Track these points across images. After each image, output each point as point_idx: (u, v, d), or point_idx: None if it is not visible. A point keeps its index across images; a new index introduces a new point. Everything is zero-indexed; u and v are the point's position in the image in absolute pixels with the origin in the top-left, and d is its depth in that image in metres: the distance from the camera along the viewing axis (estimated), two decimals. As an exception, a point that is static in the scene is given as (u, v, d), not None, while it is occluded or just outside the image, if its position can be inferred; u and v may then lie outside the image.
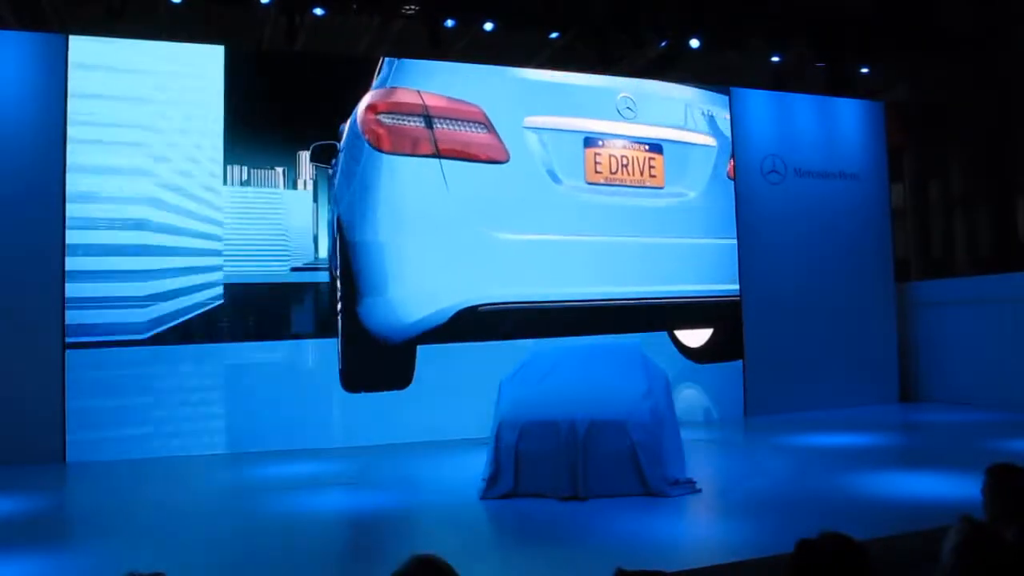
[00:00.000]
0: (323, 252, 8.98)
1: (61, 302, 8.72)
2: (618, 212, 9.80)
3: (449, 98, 8.29)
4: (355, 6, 9.72)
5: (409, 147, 8.28)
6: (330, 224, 8.75)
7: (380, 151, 7.89)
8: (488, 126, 8.36)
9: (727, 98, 11.27)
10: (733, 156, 11.40)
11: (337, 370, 9.23)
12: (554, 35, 10.69)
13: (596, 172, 9.06)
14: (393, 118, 8.12)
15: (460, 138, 8.22)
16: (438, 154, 8.20)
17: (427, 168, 8.54)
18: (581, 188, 9.21)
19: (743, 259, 11.30)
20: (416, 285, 8.51)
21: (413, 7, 10.07)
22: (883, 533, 4.74)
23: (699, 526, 5.59)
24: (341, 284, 8.34)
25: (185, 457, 8.78)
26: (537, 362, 6.93)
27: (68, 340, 8.66)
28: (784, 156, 11.81)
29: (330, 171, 9.01)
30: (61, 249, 8.75)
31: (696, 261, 10.63)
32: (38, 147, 8.78)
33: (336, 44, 10.58)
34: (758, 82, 11.96)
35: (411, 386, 9.27)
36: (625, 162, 9.23)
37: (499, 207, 8.79)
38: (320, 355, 9.29)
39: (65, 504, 7.21)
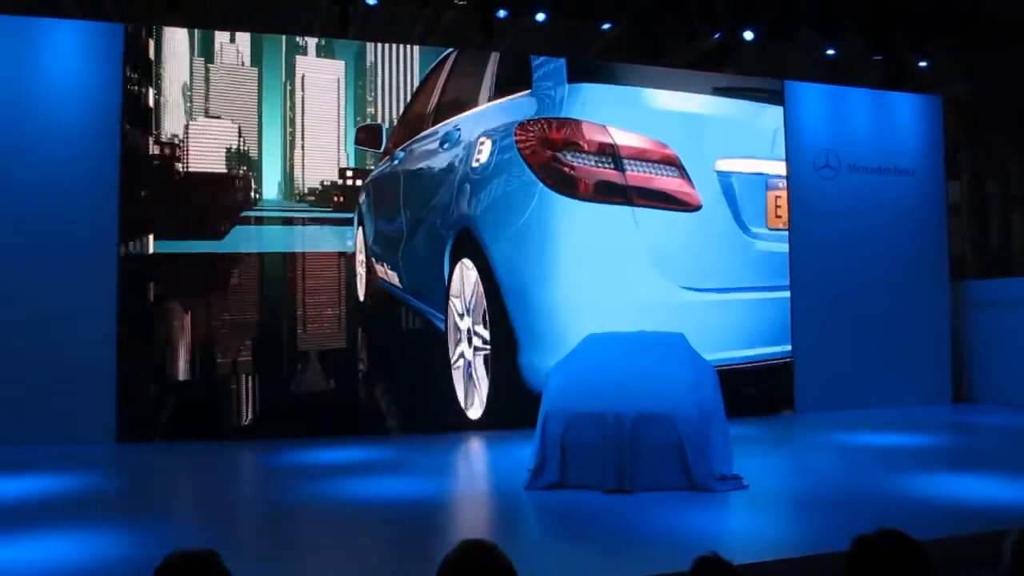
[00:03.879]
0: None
1: (116, 281, 8.90)
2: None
3: (640, 136, 7.00)
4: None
5: (597, 192, 7.21)
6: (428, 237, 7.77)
7: (562, 194, 6.54)
8: (681, 170, 7.13)
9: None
10: (786, 150, 11.25)
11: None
12: (606, 26, 10.62)
13: (776, 217, 8.13)
14: (578, 157, 7.02)
15: (653, 183, 7.07)
16: (630, 201, 7.09)
17: (617, 216, 7.50)
18: (765, 235, 8.21)
19: (794, 254, 11.13)
20: None
21: (466, -3, 10.08)
22: (936, 535, 4.64)
23: (746, 522, 5.53)
24: (492, 331, 7.13)
25: (235, 440, 8.91)
26: (584, 352, 6.89)
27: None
28: (838, 151, 11.62)
29: (390, 159, 8.82)
30: (117, 232, 8.93)
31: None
32: (96, 135, 8.96)
33: (388, 33, 10.62)
34: (812, 75, 11.78)
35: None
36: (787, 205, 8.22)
37: (692, 261, 7.85)
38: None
39: (115, 483, 7.36)
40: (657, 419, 6.22)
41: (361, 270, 9.22)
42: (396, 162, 8.57)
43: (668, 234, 7.44)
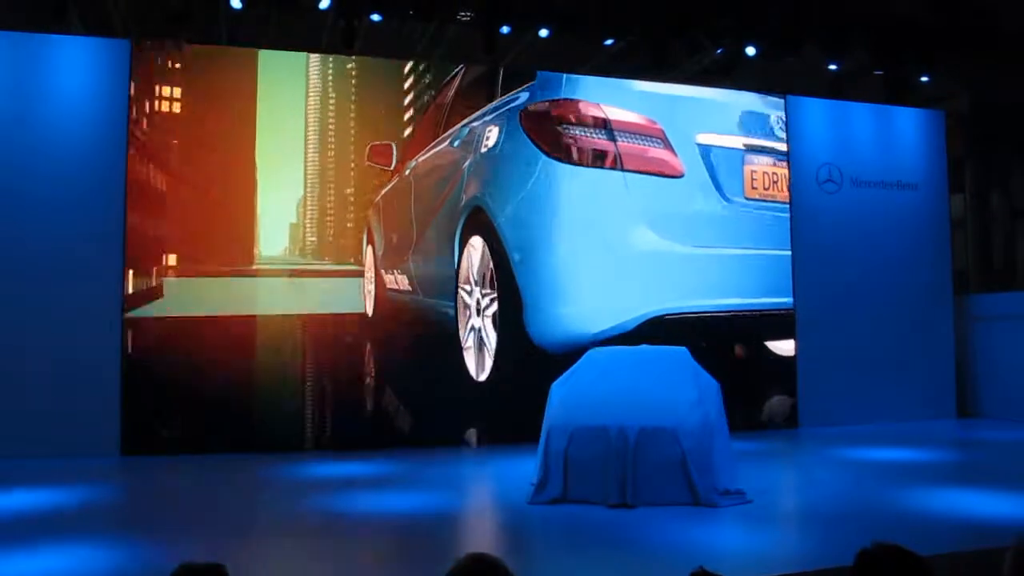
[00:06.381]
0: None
1: (121, 296, 8.94)
2: (772, 225, 9.85)
3: (630, 112, 7.92)
4: (411, 12, 9.81)
5: (592, 159, 8.06)
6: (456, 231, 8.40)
7: (560, 161, 7.44)
8: (666, 141, 8.00)
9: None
10: (789, 165, 11.31)
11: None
12: (609, 42, 10.67)
13: (752, 188, 8.82)
14: (576, 129, 7.84)
15: (641, 152, 7.99)
16: (621, 167, 7.91)
17: (609, 180, 8.29)
18: (742, 203, 9.06)
19: (797, 269, 11.15)
20: (604, 297, 8.21)
21: (468, 13, 10.14)
22: (940, 550, 4.64)
23: (749, 537, 5.52)
24: (499, 296, 7.89)
25: (238, 453, 8.90)
26: (588, 367, 6.90)
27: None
28: (841, 165, 11.65)
29: (399, 175, 8.97)
30: (122, 246, 8.97)
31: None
32: (102, 148, 9.01)
33: (391, 49, 10.68)
34: (815, 90, 11.82)
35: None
36: (775, 179, 8.98)
37: (675, 220, 8.62)
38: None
39: (120, 497, 7.36)
40: (660, 433, 6.23)
41: (370, 287, 9.30)
42: (407, 173, 8.75)
43: (655, 197, 8.24)
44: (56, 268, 8.73)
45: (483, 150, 7.63)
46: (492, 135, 7.64)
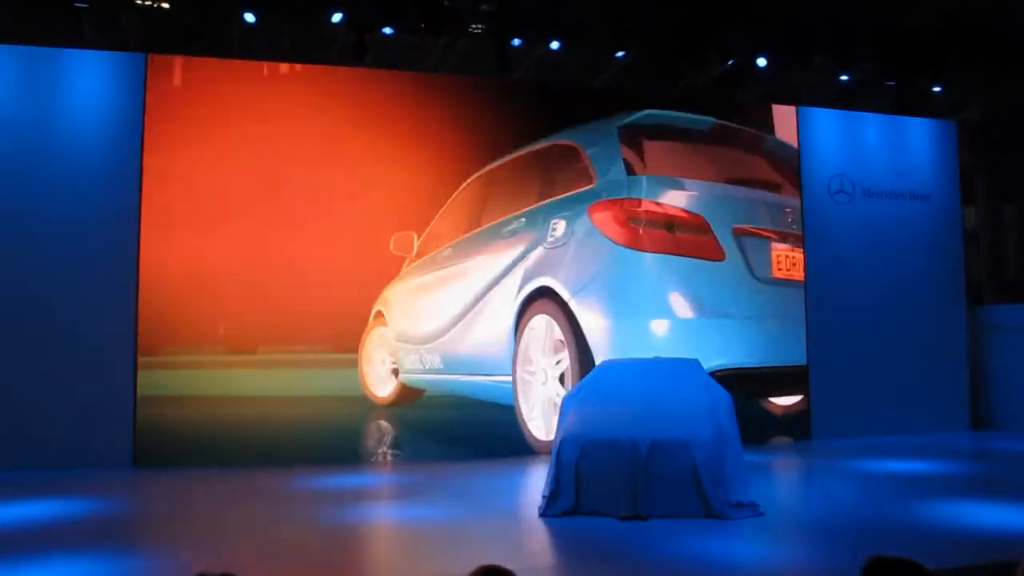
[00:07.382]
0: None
1: (135, 309, 8.99)
2: (789, 295, 10.77)
3: (683, 210, 9.27)
4: (423, 25, 9.87)
5: (656, 247, 9.34)
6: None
7: (631, 248, 8.73)
8: (711, 231, 9.31)
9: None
10: (801, 175, 11.31)
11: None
12: (620, 54, 10.71)
13: (778, 269, 9.86)
14: (642, 223, 9.11)
15: (691, 240, 9.28)
16: (678, 252, 9.28)
17: (668, 264, 9.64)
18: (769, 280, 10.26)
19: (809, 281, 11.13)
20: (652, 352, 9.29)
21: (480, 26, 10.20)
22: (953, 563, 4.62)
23: (762, 550, 5.50)
24: (577, 353, 9.01)
25: (244, 467, 8.93)
26: (600, 379, 6.90)
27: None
28: (852, 176, 11.63)
29: (424, 261, 9.53)
30: (136, 258, 9.04)
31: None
32: (117, 163, 9.10)
33: (403, 62, 10.75)
34: (826, 101, 11.82)
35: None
36: (794, 262, 10.03)
37: (716, 294, 9.82)
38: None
39: (134, 509, 7.39)
40: (672, 445, 6.21)
41: (381, 369, 9.60)
42: (445, 257, 9.39)
43: (700, 275, 9.60)
44: (70, 278, 8.79)
45: (550, 239, 8.60)
46: (559, 227, 8.63)
